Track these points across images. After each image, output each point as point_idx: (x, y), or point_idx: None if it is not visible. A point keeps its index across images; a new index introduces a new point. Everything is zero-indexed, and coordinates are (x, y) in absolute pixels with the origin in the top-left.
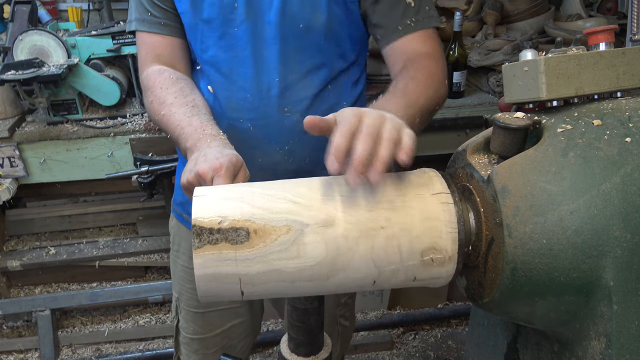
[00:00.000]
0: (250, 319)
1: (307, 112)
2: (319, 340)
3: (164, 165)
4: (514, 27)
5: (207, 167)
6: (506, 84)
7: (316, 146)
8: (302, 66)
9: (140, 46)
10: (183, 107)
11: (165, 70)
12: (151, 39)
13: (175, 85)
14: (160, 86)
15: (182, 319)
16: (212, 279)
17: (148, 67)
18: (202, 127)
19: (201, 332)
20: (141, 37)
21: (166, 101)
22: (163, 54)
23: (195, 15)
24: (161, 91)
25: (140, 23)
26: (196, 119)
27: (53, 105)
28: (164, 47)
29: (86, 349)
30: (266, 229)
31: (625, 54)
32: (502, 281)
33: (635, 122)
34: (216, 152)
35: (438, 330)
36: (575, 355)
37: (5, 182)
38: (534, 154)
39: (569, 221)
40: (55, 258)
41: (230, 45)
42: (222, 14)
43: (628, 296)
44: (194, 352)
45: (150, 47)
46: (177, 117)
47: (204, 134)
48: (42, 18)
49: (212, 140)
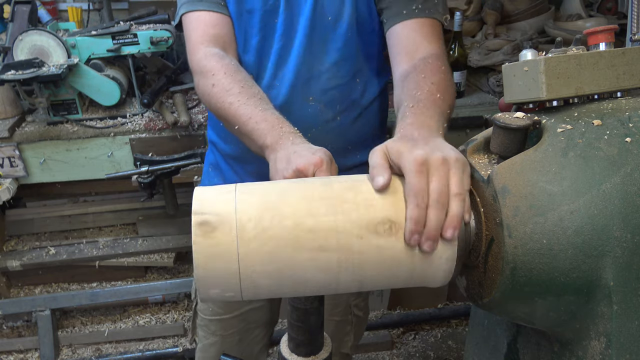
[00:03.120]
0: (268, 307)
1: (332, 103)
2: (319, 340)
3: (164, 165)
4: (514, 27)
5: (306, 163)
6: (506, 84)
7: (338, 136)
8: (329, 57)
9: (196, 26)
10: (252, 98)
11: (225, 55)
12: (210, 17)
13: (239, 74)
14: (224, 71)
15: (200, 301)
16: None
17: (205, 47)
18: (279, 123)
19: (220, 312)
20: (196, 16)
21: (232, 90)
22: (221, 35)
23: (240, 5)
24: (225, 77)
25: (196, 3)
26: (269, 113)
27: (53, 105)
28: (221, 26)
29: (86, 349)
30: None
31: (625, 54)
32: (502, 281)
33: (635, 122)
34: (307, 148)
35: (438, 330)
36: (575, 355)
37: (5, 182)
38: (534, 154)
39: (569, 221)
40: (55, 258)
41: (269, 35)
42: (264, 4)
43: (628, 296)
44: (212, 333)
45: (210, 26)
46: (248, 109)
47: (282, 130)
48: (42, 18)
49: (294, 137)
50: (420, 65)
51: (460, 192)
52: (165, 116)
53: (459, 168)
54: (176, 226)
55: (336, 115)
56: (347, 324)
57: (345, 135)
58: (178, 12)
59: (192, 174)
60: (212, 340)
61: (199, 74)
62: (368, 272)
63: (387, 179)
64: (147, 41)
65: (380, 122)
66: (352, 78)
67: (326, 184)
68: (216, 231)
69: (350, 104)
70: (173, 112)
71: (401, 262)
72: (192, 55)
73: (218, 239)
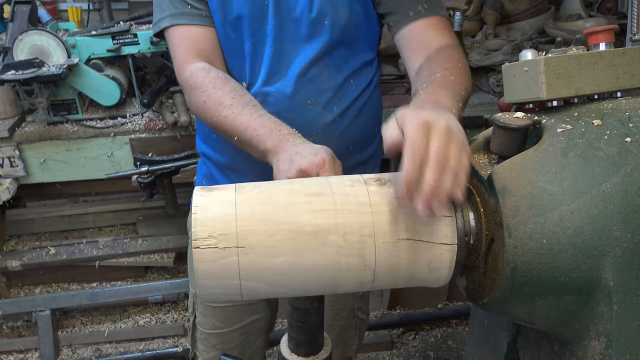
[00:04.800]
0: (268, 315)
1: (330, 104)
2: (319, 340)
3: (164, 165)
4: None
5: (309, 163)
6: (506, 84)
7: (339, 138)
8: (326, 60)
9: (179, 42)
10: (245, 107)
11: (211, 68)
12: (192, 33)
13: (228, 85)
14: (212, 86)
15: (199, 314)
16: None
17: (190, 64)
18: (276, 126)
19: (221, 326)
20: (179, 32)
21: (224, 102)
22: (205, 49)
23: (226, 13)
24: (215, 91)
25: (178, 17)
26: (266, 119)
27: (53, 105)
28: (205, 40)
29: (86, 349)
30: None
31: (625, 54)
32: (502, 281)
33: (635, 122)
34: (308, 148)
35: (438, 330)
36: (575, 355)
37: (5, 182)
38: (534, 154)
39: (569, 221)
40: (55, 258)
41: (259, 41)
42: (252, 11)
43: (628, 296)
44: (212, 347)
45: (192, 41)
46: (244, 118)
47: (281, 133)
48: (42, 18)
49: (294, 138)
50: (433, 56)
51: (455, 171)
52: (165, 116)
53: (461, 146)
54: (176, 226)
55: (335, 117)
56: (352, 328)
57: (345, 137)
58: (159, 24)
59: (192, 174)
60: (212, 354)
61: (188, 91)
62: (368, 258)
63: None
64: (147, 41)
65: (376, 120)
66: (347, 78)
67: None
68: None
69: (348, 105)
70: (173, 112)
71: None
72: (179, 73)
73: (220, 262)
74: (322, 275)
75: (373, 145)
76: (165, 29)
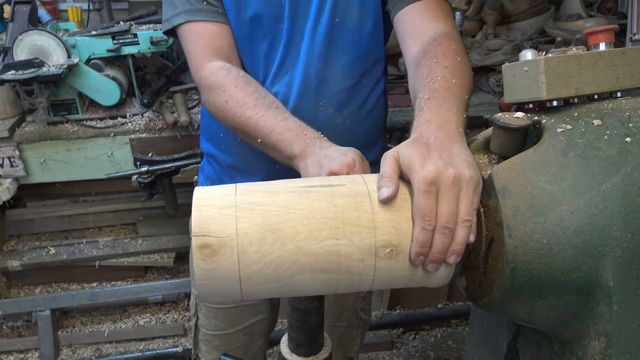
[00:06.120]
0: (270, 316)
1: (341, 106)
2: (319, 340)
3: (164, 165)
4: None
5: (340, 165)
6: (506, 84)
7: (349, 139)
8: (338, 60)
9: (196, 39)
10: (269, 109)
11: (231, 67)
12: (209, 30)
13: (250, 85)
14: (235, 85)
15: (202, 316)
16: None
17: (209, 63)
18: (302, 130)
19: (224, 327)
20: (195, 29)
21: (247, 103)
22: (222, 46)
23: (240, 12)
24: (237, 91)
25: (194, 13)
26: (291, 122)
27: (53, 105)
28: (223, 37)
29: (86, 349)
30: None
31: (625, 54)
32: (502, 281)
33: (635, 122)
34: (337, 150)
35: (438, 330)
36: (575, 355)
37: (5, 182)
38: (534, 154)
39: (569, 221)
40: (55, 258)
41: (274, 41)
42: (269, 11)
43: (628, 296)
44: (215, 348)
45: (209, 39)
46: (268, 120)
47: (307, 137)
48: (42, 18)
49: (321, 142)
50: (431, 49)
51: (468, 219)
52: (165, 116)
53: (471, 188)
54: (176, 226)
55: (346, 119)
56: (354, 329)
57: (354, 138)
58: (171, 21)
59: (192, 174)
60: (215, 356)
61: (207, 90)
62: (366, 285)
63: (392, 192)
64: (147, 41)
65: (383, 121)
66: (360, 79)
67: (329, 199)
68: (217, 255)
69: (359, 106)
70: (173, 112)
71: (400, 277)
72: (197, 72)
73: (220, 262)
74: (322, 275)
75: (377, 146)
76: (179, 26)
